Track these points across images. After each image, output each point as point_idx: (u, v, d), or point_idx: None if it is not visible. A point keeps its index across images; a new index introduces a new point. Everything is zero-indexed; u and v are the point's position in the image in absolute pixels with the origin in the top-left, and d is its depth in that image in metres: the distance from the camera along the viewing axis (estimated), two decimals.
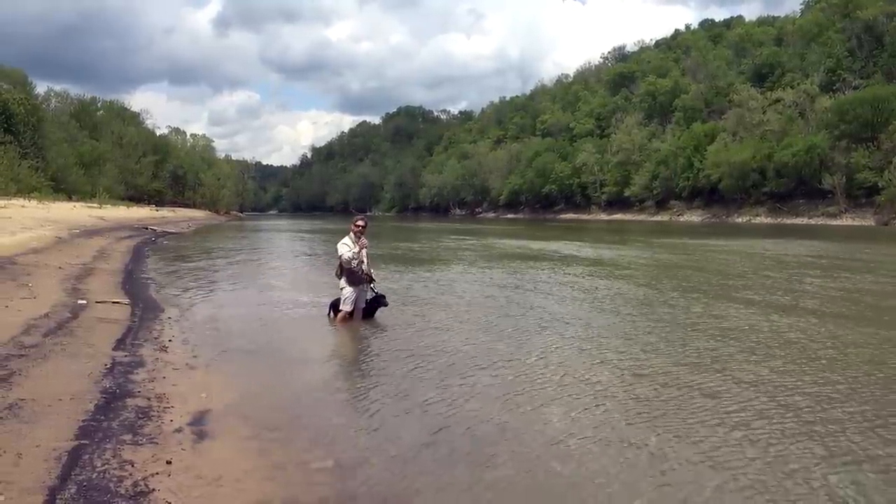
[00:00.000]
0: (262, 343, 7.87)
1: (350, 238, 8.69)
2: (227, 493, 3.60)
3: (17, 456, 3.73)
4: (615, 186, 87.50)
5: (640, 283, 13.69)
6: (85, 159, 63.53)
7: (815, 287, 12.71)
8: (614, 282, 14.04)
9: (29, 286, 9.74)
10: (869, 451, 4.31)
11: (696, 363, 6.63)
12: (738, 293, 11.84)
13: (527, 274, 15.73)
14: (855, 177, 56.76)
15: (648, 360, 6.80)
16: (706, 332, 8.31)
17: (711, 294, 11.81)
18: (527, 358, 6.95)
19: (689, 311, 9.95)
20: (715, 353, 7.06)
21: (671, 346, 7.48)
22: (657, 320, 9.16)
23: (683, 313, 9.77)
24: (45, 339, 6.59)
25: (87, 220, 30.72)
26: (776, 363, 6.64)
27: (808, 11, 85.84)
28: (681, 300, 11.09)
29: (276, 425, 4.81)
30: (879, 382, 5.96)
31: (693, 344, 7.57)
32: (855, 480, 3.87)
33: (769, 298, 11.19)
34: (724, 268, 17.11)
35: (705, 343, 7.61)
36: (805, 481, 3.86)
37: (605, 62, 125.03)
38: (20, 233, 17.54)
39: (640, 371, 6.35)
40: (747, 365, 6.54)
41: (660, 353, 7.07)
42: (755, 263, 18.35)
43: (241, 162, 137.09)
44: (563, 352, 7.28)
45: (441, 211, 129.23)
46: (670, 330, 8.44)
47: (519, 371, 6.42)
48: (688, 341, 7.72)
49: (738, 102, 72.64)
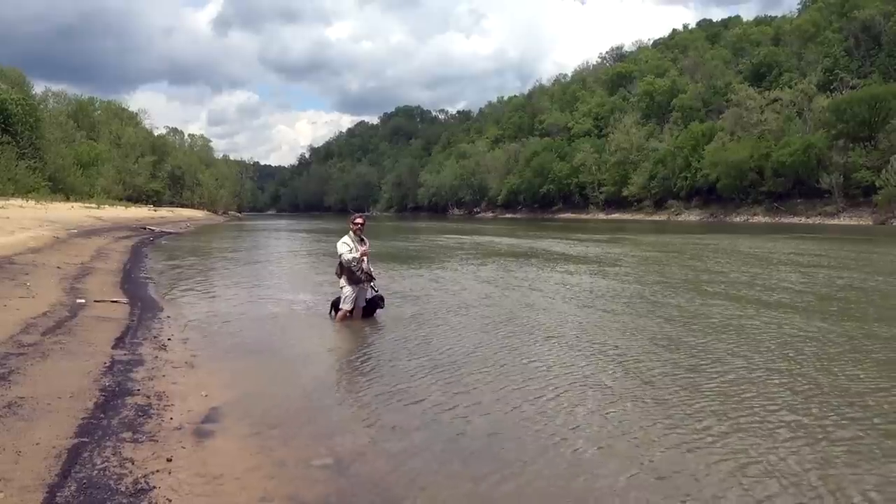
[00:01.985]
0: (262, 341, 7.85)
1: (350, 237, 8.68)
2: (228, 490, 3.59)
3: (17, 454, 3.71)
4: (613, 186, 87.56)
5: (625, 279, 14.06)
6: (83, 159, 63.46)
7: (784, 282, 13.26)
8: (597, 278, 14.45)
9: (27, 285, 9.71)
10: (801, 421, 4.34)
11: (665, 345, 6.73)
12: (708, 287, 12.74)
13: (521, 272, 15.77)
14: (852, 176, 56.91)
15: (639, 352, 6.84)
16: (676, 319, 8.65)
17: (682, 287, 12.77)
18: (524, 353, 6.99)
19: (666, 304, 10.37)
20: (677, 336, 7.33)
21: (670, 342, 7.51)
22: (648, 314, 9.22)
23: (662, 307, 9.85)
24: (44, 338, 6.58)
25: (85, 220, 30.67)
26: (718, 343, 6.97)
27: (805, 11, 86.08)
28: (660, 293, 11.44)
29: (277, 423, 4.80)
30: (795, 360, 6.28)
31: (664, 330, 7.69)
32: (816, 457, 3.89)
33: (730, 291, 12.05)
34: (701, 263, 18.02)
35: (670, 328, 7.66)
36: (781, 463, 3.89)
37: (603, 62, 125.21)
38: (18, 232, 17.50)
39: (634, 365, 6.38)
40: (696, 342, 6.78)
41: (656, 352, 7.11)
42: (733, 259, 19.13)
43: (240, 162, 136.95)
44: (558, 347, 7.33)
45: (439, 211, 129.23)
46: (669, 327, 8.47)
47: (517, 367, 6.43)
48: (665, 330, 7.80)
49: (735, 102, 72.80)
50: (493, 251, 23.78)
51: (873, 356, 6.92)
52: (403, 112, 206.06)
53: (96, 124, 78.78)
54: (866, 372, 6.24)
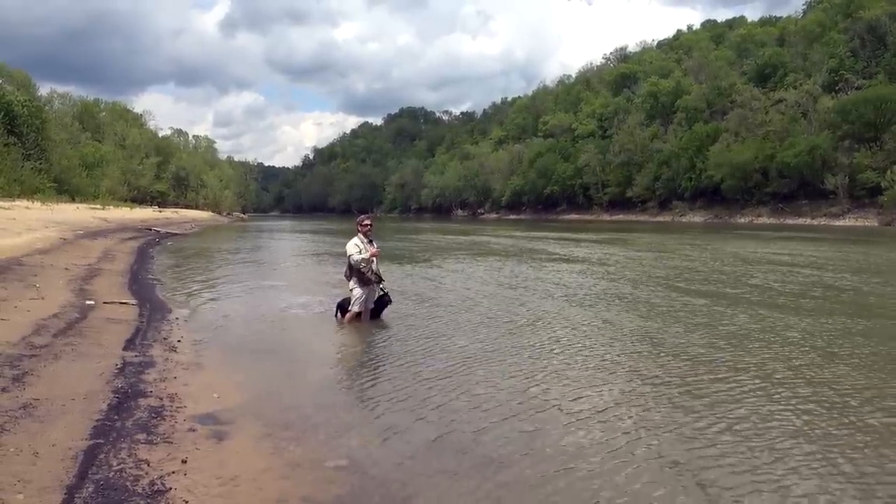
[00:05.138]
0: (271, 343, 7.88)
1: (359, 238, 8.70)
2: (244, 491, 3.60)
3: (34, 455, 3.73)
4: (617, 187, 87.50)
5: (624, 279, 14.31)
6: (88, 160, 63.70)
7: (764, 281, 13.85)
8: (597, 279, 14.58)
9: (36, 287, 9.76)
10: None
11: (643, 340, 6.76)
12: (683, 284, 13.52)
13: (525, 272, 15.82)
14: (858, 177, 56.77)
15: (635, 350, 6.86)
16: (654, 314, 8.77)
17: (664, 284, 13.48)
18: (535, 356, 7.01)
19: (649, 302, 10.88)
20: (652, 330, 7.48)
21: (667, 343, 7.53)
22: (645, 315, 9.24)
23: (647, 306, 9.89)
24: (56, 340, 6.60)
25: (91, 221, 30.78)
26: (684, 333, 7.21)
27: (810, 11, 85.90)
28: (650, 292, 11.54)
29: (289, 424, 4.82)
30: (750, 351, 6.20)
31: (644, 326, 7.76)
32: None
33: (703, 288, 12.82)
34: (685, 262, 18.72)
35: (645, 322, 7.72)
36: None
37: (608, 63, 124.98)
38: (25, 234, 17.58)
39: (643, 367, 6.38)
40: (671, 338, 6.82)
41: (651, 349, 7.12)
42: (714, 259, 19.84)
43: (244, 163, 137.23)
44: (561, 348, 7.38)
45: (443, 212, 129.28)
46: (664, 327, 8.49)
47: (529, 369, 6.44)
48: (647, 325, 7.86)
49: (740, 103, 72.72)
50: (494, 251, 23.84)
51: (818, 345, 7.53)
52: (407, 113, 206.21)
53: (101, 125, 79.09)
54: (795, 353, 6.88)
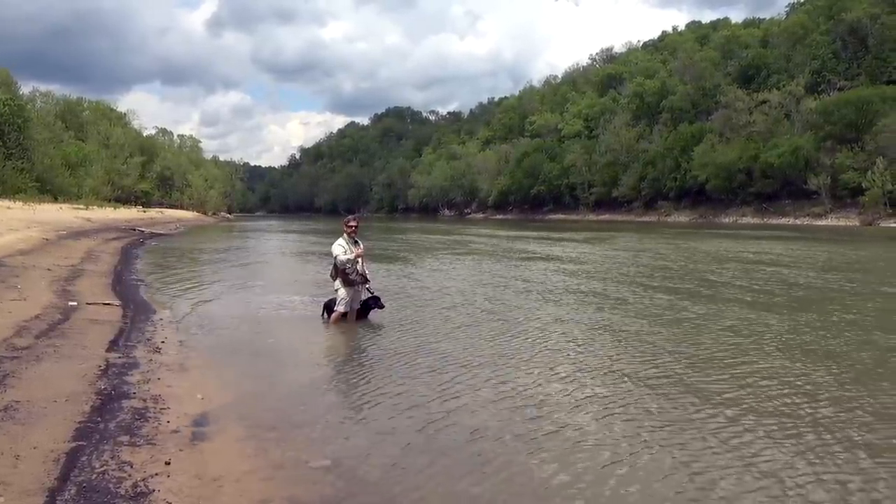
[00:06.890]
0: (256, 344, 7.86)
1: (344, 239, 8.70)
2: (227, 492, 3.61)
3: (15, 458, 3.72)
4: (603, 187, 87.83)
5: (595, 277, 14.47)
6: (71, 160, 62.99)
7: (724, 277, 14.52)
8: (570, 277, 14.86)
9: (18, 288, 9.66)
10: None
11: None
12: (651, 281, 14.13)
13: (508, 271, 15.90)
14: (840, 177, 57.37)
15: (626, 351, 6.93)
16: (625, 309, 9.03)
17: (630, 281, 14.03)
18: (516, 353, 7.06)
19: (617, 298, 11.19)
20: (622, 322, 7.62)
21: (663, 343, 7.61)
22: (639, 315, 9.33)
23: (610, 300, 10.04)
24: (38, 341, 6.56)
25: (74, 221, 30.47)
26: (651, 325, 7.46)
27: (793, 13, 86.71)
28: (628, 290, 11.59)
29: (273, 425, 4.82)
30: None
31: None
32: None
33: (666, 284, 13.48)
34: (657, 261, 19.26)
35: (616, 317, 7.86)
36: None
37: (594, 63, 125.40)
38: (7, 234, 17.39)
39: (623, 368, 6.45)
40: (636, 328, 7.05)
41: (650, 350, 7.20)
42: (685, 257, 20.39)
43: (230, 163, 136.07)
44: (545, 345, 7.45)
45: (430, 212, 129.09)
46: (657, 325, 8.59)
47: (510, 367, 6.49)
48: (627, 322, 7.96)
49: (724, 104, 73.25)
50: (477, 251, 23.91)
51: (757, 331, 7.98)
52: (394, 113, 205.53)
53: (84, 125, 78.15)
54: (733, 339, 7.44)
